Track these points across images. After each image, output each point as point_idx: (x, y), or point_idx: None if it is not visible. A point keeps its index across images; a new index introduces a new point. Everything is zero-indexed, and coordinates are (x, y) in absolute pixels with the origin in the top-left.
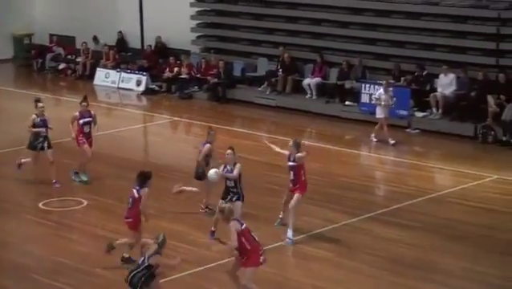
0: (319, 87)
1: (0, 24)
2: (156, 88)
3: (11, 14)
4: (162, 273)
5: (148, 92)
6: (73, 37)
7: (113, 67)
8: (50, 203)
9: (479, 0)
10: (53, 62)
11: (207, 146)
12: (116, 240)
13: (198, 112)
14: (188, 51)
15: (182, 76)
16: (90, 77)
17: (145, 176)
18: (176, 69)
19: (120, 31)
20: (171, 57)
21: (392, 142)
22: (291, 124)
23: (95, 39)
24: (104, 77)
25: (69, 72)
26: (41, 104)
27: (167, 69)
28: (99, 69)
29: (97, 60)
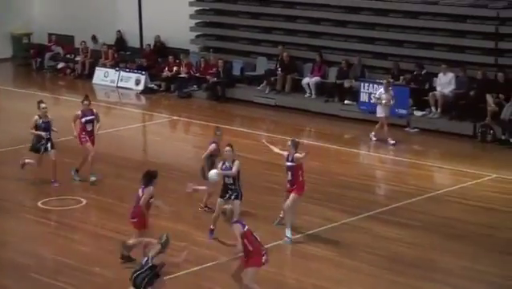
0: (318, 86)
1: None
2: (155, 87)
3: (10, 14)
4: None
5: (147, 91)
6: (72, 36)
7: (112, 66)
8: (49, 202)
9: None
10: (52, 61)
11: (212, 146)
12: (128, 243)
13: (197, 111)
14: (187, 50)
15: (181, 75)
16: (89, 76)
17: (151, 175)
18: (175, 68)
19: (119, 30)
20: (170, 56)
21: (392, 142)
22: (290, 123)
23: (94, 38)
24: (103, 76)
25: (68, 71)
26: (44, 105)
27: (166, 68)
28: (98, 68)
29: (96, 59)
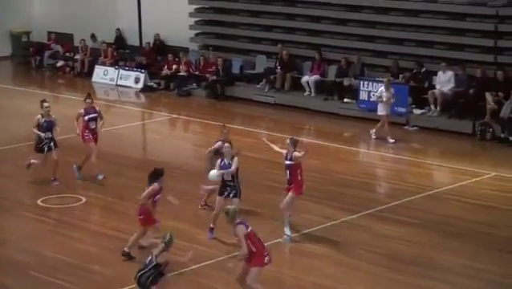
0: (318, 84)
1: None
2: (155, 86)
3: (9, 12)
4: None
5: (147, 90)
6: (71, 34)
7: (111, 65)
8: (48, 200)
9: None
10: (51, 59)
11: (218, 143)
12: (143, 246)
13: (197, 110)
14: (186, 49)
15: (181, 74)
16: (88, 74)
17: (157, 172)
18: (174, 66)
19: (118, 28)
20: (169, 54)
21: (392, 141)
22: (290, 122)
23: (93, 37)
24: (103, 74)
25: (67, 70)
26: (46, 104)
27: (165, 66)
28: (97, 66)
29: (95, 57)
